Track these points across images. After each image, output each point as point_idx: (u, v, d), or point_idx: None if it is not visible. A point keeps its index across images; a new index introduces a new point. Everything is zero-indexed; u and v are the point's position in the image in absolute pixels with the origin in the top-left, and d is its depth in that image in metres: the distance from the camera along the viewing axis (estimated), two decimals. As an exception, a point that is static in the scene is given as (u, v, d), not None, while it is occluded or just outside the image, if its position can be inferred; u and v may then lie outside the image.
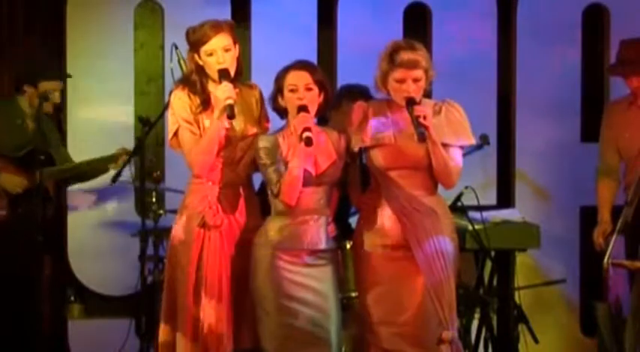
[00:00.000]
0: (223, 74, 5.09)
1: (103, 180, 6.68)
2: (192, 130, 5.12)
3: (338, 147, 5.13)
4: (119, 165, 6.46)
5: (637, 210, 5.36)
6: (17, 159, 6.46)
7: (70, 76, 6.74)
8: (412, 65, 5.00)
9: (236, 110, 5.07)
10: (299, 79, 5.03)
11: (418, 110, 4.94)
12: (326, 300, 5.06)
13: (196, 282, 5.13)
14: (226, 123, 5.07)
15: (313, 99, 5.03)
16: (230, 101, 5.01)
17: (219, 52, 5.12)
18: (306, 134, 4.89)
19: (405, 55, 5.01)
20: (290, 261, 5.02)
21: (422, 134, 4.89)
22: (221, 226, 5.15)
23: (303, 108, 4.99)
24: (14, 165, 6.45)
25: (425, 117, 4.91)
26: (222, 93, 5.02)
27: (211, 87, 5.13)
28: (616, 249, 5.45)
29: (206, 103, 5.13)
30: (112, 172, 6.50)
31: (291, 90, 5.03)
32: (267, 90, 5.18)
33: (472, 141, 5.19)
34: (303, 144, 4.90)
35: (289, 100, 5.04)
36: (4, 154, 6.48)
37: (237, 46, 5.19)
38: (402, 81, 5.01)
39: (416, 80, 5.01)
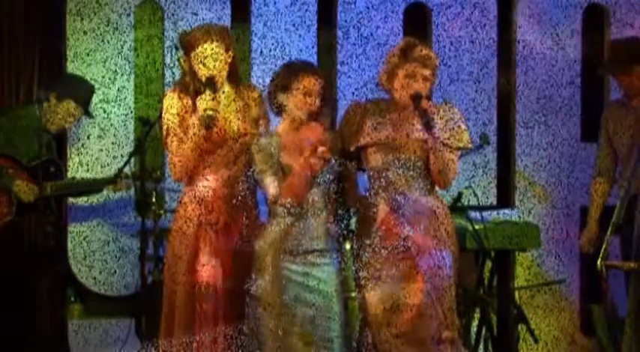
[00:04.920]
0: (208, 83, 5.14)
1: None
2: (176, 133, 5.17)
3: (328, 145, 5.11)
4: (118, 189, 6.52)
5: (628, 211, 5.36)
6: (30, 168, 6.48)
7: (92, 117, 6.75)
8: (426, 62, 5.01)
9: (221, 112, 5.15)
10: (315, 84, 5.03)
11: (425, 103, 4.96)
12: (330, 301, 5.06)
13: (192, 280, 5.16)
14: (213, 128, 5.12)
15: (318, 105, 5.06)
16: (210, 112, 5.05)
17: (207, 59, 5.16)
18: (322, 149, 4.89)
19: (422, 51, 5.03)
20: (293, 261, 5.02)
21: (428, 124, 4.90)
22: (217, 224, 5.17)
23: (314, 117, 4.99)
24: (27, 174, 6.46)
25: (431, 112, 4.93)
26: (201, 104, 5.07)
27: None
28: (611, 249, 5.45)
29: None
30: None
31: (306, 94, 5.02)
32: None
33: (469, 145, 5.19)
34: (315, 159, 4.90)
35: (300, 103, 5.02)
36: (19, 162, 6.49)
37: (230, 52, 5.21)
38: (412, 76, 5.01)
39: (425, 79, 5.02)
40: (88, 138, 7.07)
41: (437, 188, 5.13)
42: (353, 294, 5.66)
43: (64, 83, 6.68)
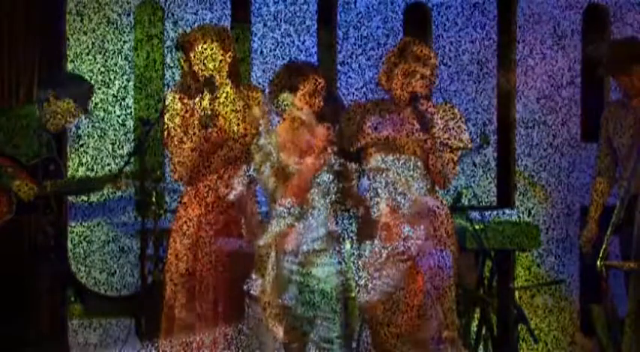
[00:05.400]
0: (206, 83, 5.15)
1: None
2: (176, 133, 5.19)
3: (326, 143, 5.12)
4: (118, 188, 6.52)
5: (628, 211, 5.36)
6: (29, 167, 6.48)
7: (91, 116, 6.75)
8: (425, 59, 5.02)
9: (221, 112, 5.15)
10: (321, 85, 5.05)
11: (424, 104, 4.96)
12: (330, 301, 5.06)
13: (192, 280, 5.16)
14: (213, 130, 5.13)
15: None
16: (207, 112, 5.06)
17: (205, 59, 5.17)
18: (332, 149, 4.93)
19: (420, 50, 5.03)
20: (293, 261, 5.02)
21: (426, 125, 4.90)
22: (216, 224, 5.18)
23: (324, 119, 5.01)
24: (27, 173, 6.47)
25: (431, 112, 4.93)
26: (199, 104, 5.08)
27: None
28: (611, 249, 5.46)
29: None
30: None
31: (307, 94, 5.03)
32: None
33: (469, 145, 5.18)
34: (318, 160, 4.92)
35: (301, 103, 5.03)
36: (18, 161, 6.49)
37: (229, 53, 5.22)
38: (411, 75, 5.01)
39: (424, 78, 5.02)
40: (88, 138, 7.07)
41: (437, 188, 5.13)
42: (353, 294, 5.67)
43: (64, 83, 6.68)
